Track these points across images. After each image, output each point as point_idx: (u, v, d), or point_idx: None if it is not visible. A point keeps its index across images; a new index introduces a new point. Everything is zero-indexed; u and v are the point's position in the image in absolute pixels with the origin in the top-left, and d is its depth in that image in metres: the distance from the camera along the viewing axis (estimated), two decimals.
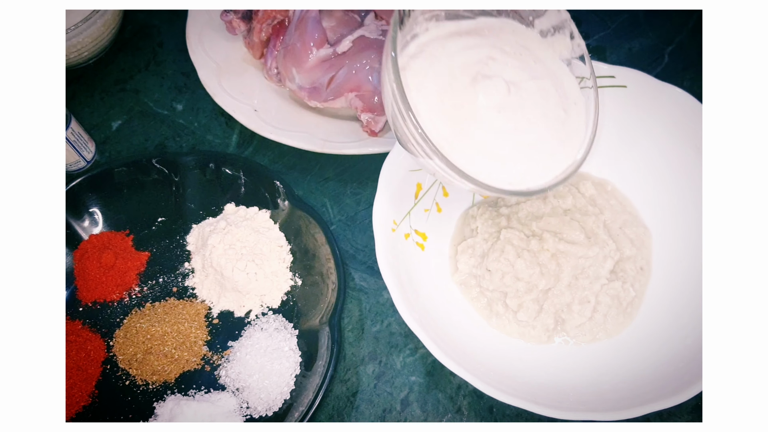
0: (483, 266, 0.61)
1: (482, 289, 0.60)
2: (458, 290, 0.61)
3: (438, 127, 0.47)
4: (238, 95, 0.71)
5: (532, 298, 0.59)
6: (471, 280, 0.61)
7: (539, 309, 0.59)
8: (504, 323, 0.59)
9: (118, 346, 0.61)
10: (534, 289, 0.59)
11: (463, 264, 0.61)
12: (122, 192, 0.67)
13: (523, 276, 0.59)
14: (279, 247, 0.63)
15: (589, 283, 0.58)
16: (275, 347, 0.59)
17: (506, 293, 0.59)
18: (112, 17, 0.74)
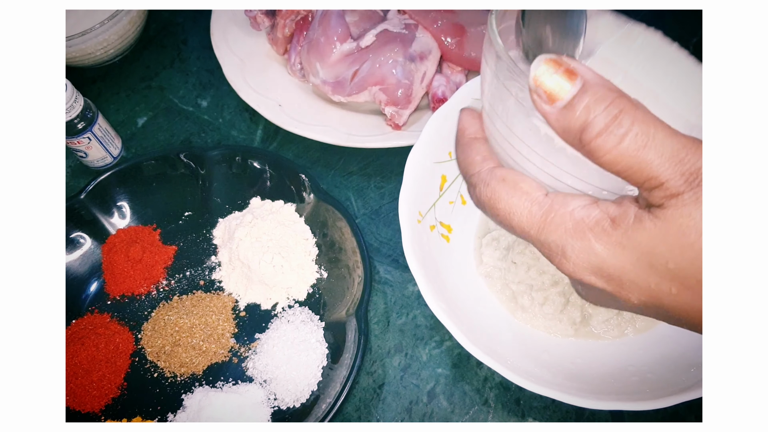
0: (508, 259, 0.60)
1: (507, 281, 0.60)
2: (483, 282, 0.61)
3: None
4: (263, 90, 0.71)
5: (558, 291, 0.58)
6: (496, 273, 0.61)
7: (565, 302, 0.58)
8: (530, 316, 0.59)
9: (146, 338, 0.62)
10: (560, 282, 0.59)
11: (487, 257, 0.61)
12: (149, 186, 0.67)
13: (548, 269, 0.59)
14: (305, 240, 0.64)
15: None
16: (302, 339, 0.60)
17: (532, 286, 0.59)
18: (138, 15, 0.75)
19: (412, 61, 0.66)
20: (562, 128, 0.30)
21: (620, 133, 0.28)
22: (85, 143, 0.68)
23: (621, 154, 0.28)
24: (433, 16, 0.68)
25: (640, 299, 0.31)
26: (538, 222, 0.33)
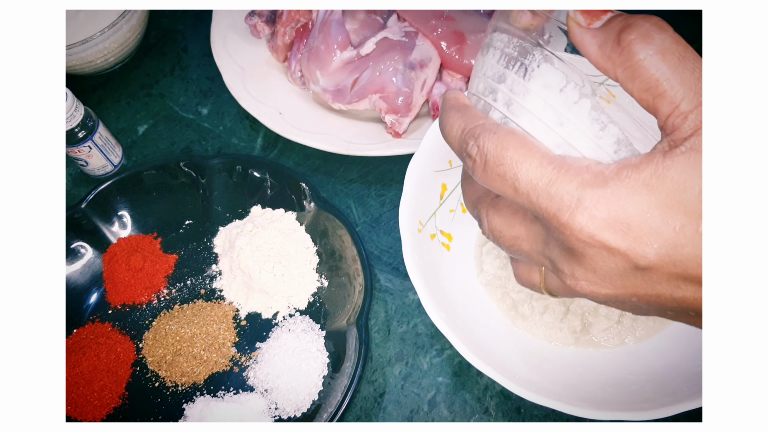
0: (508, 267, 0.60)
1: (507, 290, 0.60)
2: (484, 291, 0.61)
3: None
4: (263, 98, 0.71)
5: (558, 300, 0.59)
6: (496, 281, 0.61)
7: (566, 311, 0.58)
8: (530, 325, 0.59)
9: (147, 348, 0.62)
10: None
11: (488, 265, 0.61)
12: (150, 195, 0.68)
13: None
14: (305, 248, 0.64)
15: None
16: (303, 348, 0.60)
17: (532, 294, 0.59)
18: (138, 22, 0.75)
19: (412, 69, 0.66)
20: (602, 39, 0.30)
21: (661, 38, 0.28)
22: (85, 152, 0.68)
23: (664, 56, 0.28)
24: (433, 23, 0.68)
25: (658, 253, 0.28)
26: (550, 173, 0.30)
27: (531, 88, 0.33)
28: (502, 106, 0.34)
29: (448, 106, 0.35)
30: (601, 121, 0.31)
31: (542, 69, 0.32)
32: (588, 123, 0.31)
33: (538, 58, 0.32)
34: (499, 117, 0.34)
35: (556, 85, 0.32)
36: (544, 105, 0.32)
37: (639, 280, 0.30)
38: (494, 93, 0.35)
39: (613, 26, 0.30)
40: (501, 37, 0.35)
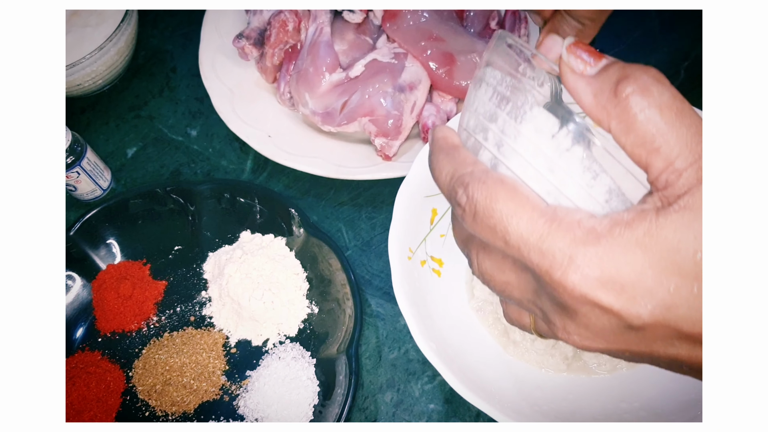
0: None
1: (499, 315, 0.60)
2: (475, 316, 0.60)
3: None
4: (252, 121, 0.71)
5: None
6: (487, 307, 0.60)
7: None
8: (522, 351, 0.58)
9: (137, 377, 0.61)
10: None
11: (479, 290, 0.61)
12: (138, 221, 0.67)
13: None
14: (295, 274, 0.63)
15: None
16: (293, 376, 0.59)
17: None
18: (126, 44, 0.74)
19: (401, 92, 0.66)
20: (597, 88, 0.29)
21: (659, 92, 0.28)
22: (74, 177, 0.67)
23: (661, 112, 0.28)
24: (422, 44, 0.68)
25: (652, 314, 0.28)
26: (541, 228, 0.29)
27: (522, 131, 0.32)
28: (492, 146, 0.33)
29: (436, 147, 0.34)
30: (593, 170, 0.31)
31: (534, 112, 0.32)
32: (580, 171, 0.31)
33: (530, 101, 0.32)
34: (490, 157, 0.33)
35: (548, 131, 0.31)
36: (535, 150, 0.31)
37: (632, 337, 0.29)
38: (485, 132, 0.34)
39: (610, 75, 0.29)
40: (494, 74, 0.34)
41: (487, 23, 0.73)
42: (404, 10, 0.69)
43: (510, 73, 0.33)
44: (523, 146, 0.32)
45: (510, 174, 0.32)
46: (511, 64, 0.34)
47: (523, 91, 0.32)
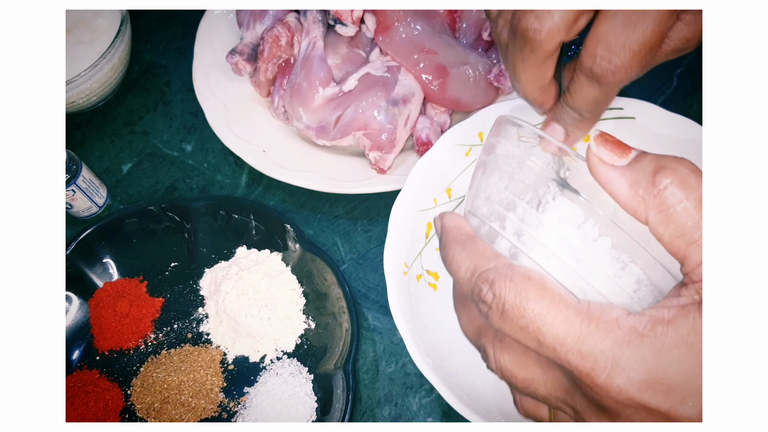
0: None
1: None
2: None
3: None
4: (246, 136, 0.71)
5: None
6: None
7: None
8: None
9: (135, 395, 0.61)
10: None
11: None
12: (134, 239, 0.67)
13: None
14: (291, 290, 0.64)
15: None
16: (291, 393, 0.59)
17: None
18: (119, 60, 0.74)
19: (395, 105, 0.66)
20: (632, 179, 0.29)
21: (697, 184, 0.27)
22: (69, 195, 0.68)
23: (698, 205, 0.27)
24: (415, 57, 0.68)
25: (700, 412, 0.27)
26: (579, 328, 0.28)
27: (545, 221, 0.31)
28: (511, 235, 0.32)
29: (450, 239, 0.33)
30: (622, 260, 0.30)
31: (558, 202, 0.31)
32: (608, 262, 0.30)
33: (553, 191, 0.31)
34: (508, 246, 0.32)
35: (574, 221, 0.31)
36: (559, 240, 0.31)
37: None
38: (502, 220, 0.33)
39: (644, 166, 0.29)
40: (509, 162, 0.33)
41: (480, 34, 0.73)
42: (396, 23, 0.69)
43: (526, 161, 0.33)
44: (546, 236, 0.31)
45: (532, 264, 0.31)
46: (527, 152, 0.33)
47: (545, 180, 0.31)
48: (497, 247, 0.33)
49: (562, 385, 0.31)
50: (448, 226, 0.34)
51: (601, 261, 0.30)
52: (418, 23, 0.69)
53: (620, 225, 0.30)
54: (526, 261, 0.32)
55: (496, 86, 0.69)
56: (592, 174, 0.30)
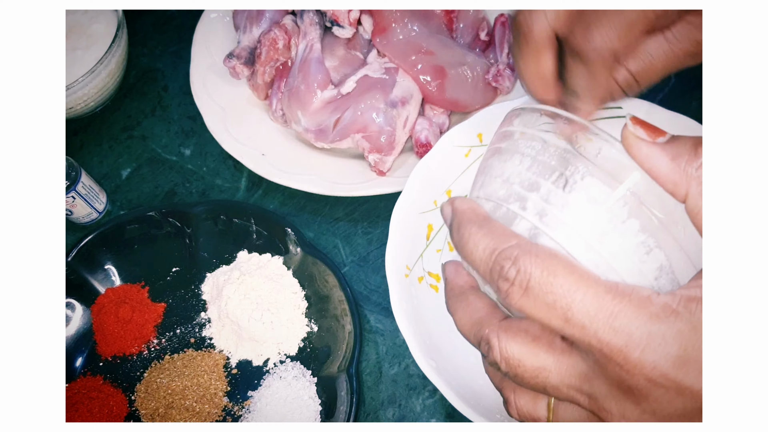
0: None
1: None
2: None
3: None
4: (245, 140, 0.71)
5: None
6: None
7: None
8: None
9: (139, 400, 0.61)
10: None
11: None
12: (135, 245, 0.67)
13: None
14: (293, 293, 0.64)
15: None
16: (294, 396, 0.60)
17: None
18: (116, 66, 0.74)
19: (393, 107, 0.66)
20: (674, 153, 0.29)
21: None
22: (69, 202, 0.67)
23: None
24: (413, 59, 0.68)
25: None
26: (611, 304, 0.27)
27: (571, 201, 0.31)
28: (532, 215, 0.32)
29: (465, 220, 0.32)
30: (648, 244, 0.30)
31: (586, 182, 0.31)
32: (634, 245, 0.30)
33: (581, 171, 0.31)
34: (528, 227, 0.32)
35: (603, 201, 0.30)
36: (586, 220, 0.30)
37: (698, 416, 0.28)
38: (522, 201, 0.32)
39: (684, 141, 0.29)
40: (531, 144, 0.33)
41: (477, 34, 0.73)
42: (393, 25, 0.69)
43: (555, 143, 0.32)
44: (571, 216, 0.31)
45: (554, 245, 0.31)
46: (556, 133, 0.33)
47: (572, 160, 0.31)
48: (515, 230, 0.32)
49: (577, 371, 0.30)
50: (462, 208, 0.33)
51: (627, 244, 0.30)
52: (415, 24, 0.70)
53: (650, 208, 0.30)
54: (547, 242, 0.31)
55: (495, 86, 0.69)
56: (629, 151, 0.30)
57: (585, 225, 0.31)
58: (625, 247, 0.30)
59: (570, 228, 0.31)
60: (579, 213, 0.31)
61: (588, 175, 0.31)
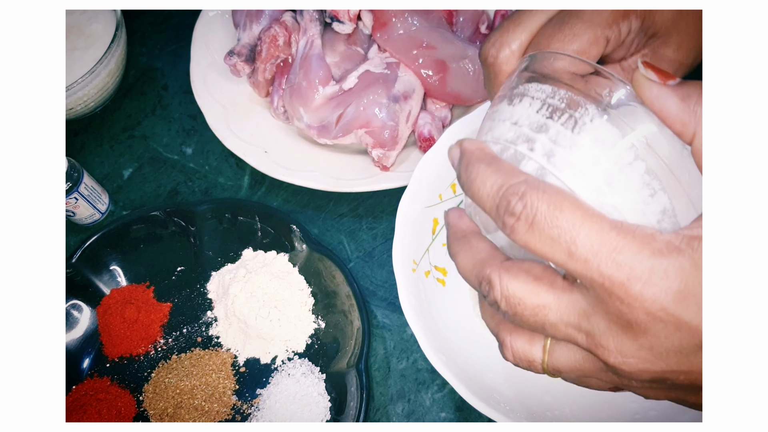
0: None
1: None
2: (481, 324, 0.61)
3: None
4: (247, 137, 0.71)
5: None
6: None
7: None
8: None
9: (148, 401, 0.61)
10: None
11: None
12: (140, 245, 0.67)
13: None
14: (300, 290, 0.64)
15: None
16: (304, 393, 0.59)
17: None
18: (116, 65, 0.74)
19: (396, 102, 0.66)
20: (684, 93, 0.29)
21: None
22: (72, 203, 0.67)
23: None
24: (414, 53, 0.68)
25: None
26: (615, 239, 0.28)
27: (579, 142, 0.31)
28: (540, 156, 0.32)
29: (473, 159, 0.33)
30: (653, 187, 0.30)
31: (596, 123, 0.31)
32: (638, 187, 0.30)
33: (591, 113, 0.31)
34: (536, 168, 0.32)
35: (611, 142, 0.31)
36: (593, 161, 0.31)
37: (699, 357, 0.28)
38: (530, 142, 0.33)
39: (695, 84, 0.30)
40: (542, 87, 0.33)
41: (477, 28, 0.73)
42: (394, 19, 0.69)
43: (567, 85, 0.33)
44: (578, 156, 0.31)
45: (561, 185, 0.31)
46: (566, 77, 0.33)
47: (583, 103, 0.32)
48: (522, 170, 0.32)
49: (577, 308, 0.30)
50: (470, 148, 0.33)
51: (632, 185, 0.30)
52: (415, 18, 0.69)
53: (657, 150, 0.30)
54: (554, 181, 0.31)
55: None
56: (640, 93, 0.30)
57: (592, 166, 0.31)
58: (629, 189, 0.31)
59: (577, 168, 0.31)
60: (587, 154, 0.31)
61: (597, 117, 0.31)
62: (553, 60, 0.34)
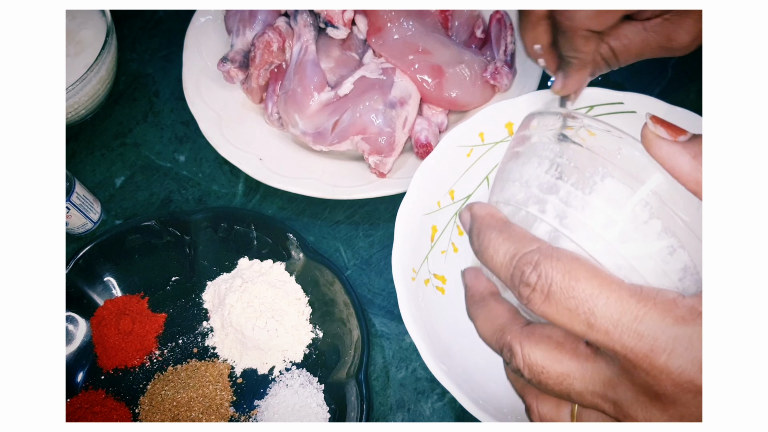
0: None
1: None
2: None
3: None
4: (242, 144, 0.70)
5: None
6: None
7: None
8: None
9: (144, 413, 0.60)
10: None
11: None
12: (134, 255, 0.66)
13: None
14: (297, 299, 0.63)
15: None
16: (302, 404, 0.59)
17: None
18: (107, 72, 0.73)
19: (392, 108, 0.65)
20: (695, 151, 0.29)
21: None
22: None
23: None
24: (410, 58, 0.67)
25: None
26: (635, 308, 0.27)
27: (591, 203, 0.30)
28: (552, 218, 0.32)
29: (484, 225, 0.32)
30: (671, 245, 0.30)
31: (607, 183, 0.31)
32: (657, 246, 0.29)
33: (601, 172, 0.31)
34: (548, 230, 0.32)
35: (623, 202, 0.30)
36: (606, 221, 0.30)
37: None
38: (542, 204, 0.32)
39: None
40: (550, 147, 0.33)
41: (473, 32, 0.72)
42: (389, 24, 0.68)
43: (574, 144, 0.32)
44: (591, 217, 0.30)
45: (575, 248, 0.30)
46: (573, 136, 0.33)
47: (594, 163, 0.31)
48: (535, 233, 0.32)
49: (602, 377, 0.29)
50: (480, 213, 0.33)
51: (649, 244, 0.30)
52: (410, 23, 0.69)
53: (673, 207, 0.30)
54: (568, 244, 0.31)
55: (493, 84, 0.68)
56: (650, 151, 0.30)
57: (606, 226, 0.30)
58: (647, 248, 0.30)
59: (591, 230, 0.31)
60: (599, 214, 0.31)
61: (608, 176, 0.31)
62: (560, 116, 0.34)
